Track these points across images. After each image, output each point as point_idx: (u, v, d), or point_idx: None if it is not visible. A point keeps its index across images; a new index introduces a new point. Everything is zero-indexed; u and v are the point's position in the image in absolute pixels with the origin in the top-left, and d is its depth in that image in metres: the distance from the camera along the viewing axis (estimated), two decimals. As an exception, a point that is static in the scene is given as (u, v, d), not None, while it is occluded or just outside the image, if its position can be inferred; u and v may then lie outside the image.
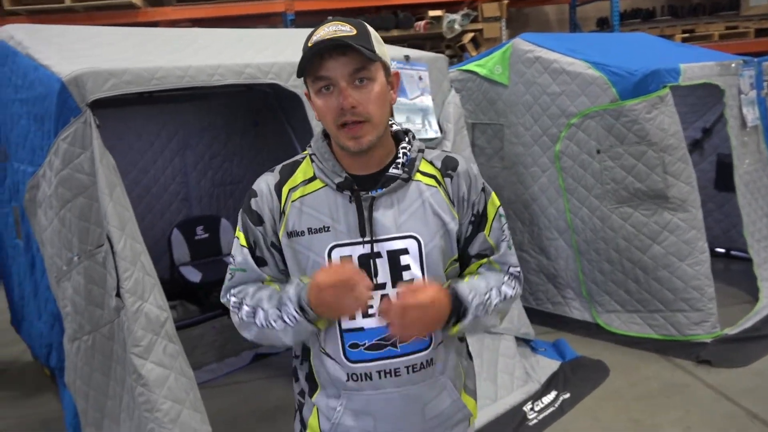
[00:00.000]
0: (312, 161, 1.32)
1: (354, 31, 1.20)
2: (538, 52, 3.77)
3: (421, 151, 1.34)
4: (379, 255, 1.27)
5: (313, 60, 1.19)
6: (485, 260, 1.36)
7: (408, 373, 1.30)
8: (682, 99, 4.76)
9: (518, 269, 1.40)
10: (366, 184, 1.28)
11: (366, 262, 1.27)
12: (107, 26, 3.79)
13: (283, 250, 1.32)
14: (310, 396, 1.39)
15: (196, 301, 3.90)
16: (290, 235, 1.29)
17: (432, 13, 6.49)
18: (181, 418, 2.14)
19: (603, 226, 3.68)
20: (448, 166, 1.34)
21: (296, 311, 1.22)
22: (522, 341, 3.43)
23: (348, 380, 1.31)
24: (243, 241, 1.33)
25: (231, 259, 1.36)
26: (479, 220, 1.35)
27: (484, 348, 3.11)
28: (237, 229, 1.36)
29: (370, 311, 1.27)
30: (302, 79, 1.26)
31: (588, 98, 3.59)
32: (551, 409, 3.00)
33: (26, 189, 2.59)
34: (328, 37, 1.18)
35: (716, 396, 3.07)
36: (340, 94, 1.19)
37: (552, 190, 3.87)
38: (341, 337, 1.30)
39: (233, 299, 1.33)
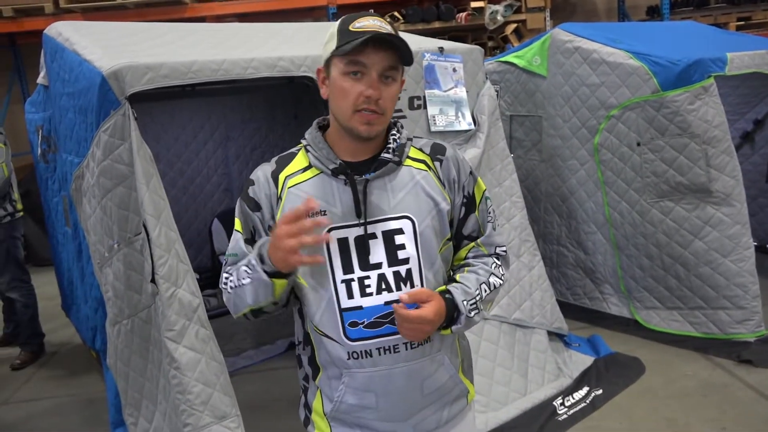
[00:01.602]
0: (307, 151, 1.38)
1: (394, 33, 1.28)
2: (578, 42, 3.70)
3: (409, 139, 1.42)
4: (374, 236, 1.32)
5: (356, 44, 1.24)
6: (473, 244, 1.44)
7: (406, 349, 1.35)
8: (732, 89, 4.60)
9: (504, 249, 1.47)
10: (359, 170, 1.34)
11: (362, 243, 1.32)
12: (156, 22, 3.91)
13: None
14: (314, 379, 1.43)
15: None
16: None
17: (474, 4, 6.43)
18: (211, 401, 2.21)
19: (643, 220, 3.59)
20: (437, 152, 1.42)
21: (255, 259, 1.25)
22: (555, 336, 3.39)
23: (349, 358, 1.35)
24: (238, 227, 1.39)
25: (228, 246, 1.40)
26: (470, 202, 1.43)
27: (515, 341, 3.10)
28: (236, 218, 1.40)
29: (368, 290, 1.32)
30: (325, 57, 1.32)
31: (628, 89, 3.51)
32: (582, 405, 2.97)
33: (72, 179, 2.72)
34: (376, 29, 1.25)
35: (756, 397, 2.97)
36: (371, 83, 1.27)
37: (590, 184, 3.81)
38: (341, 316, 1.33)
39: (223, 277, 1.37)
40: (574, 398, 3.01)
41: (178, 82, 2.42)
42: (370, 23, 1.27)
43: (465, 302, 1.33)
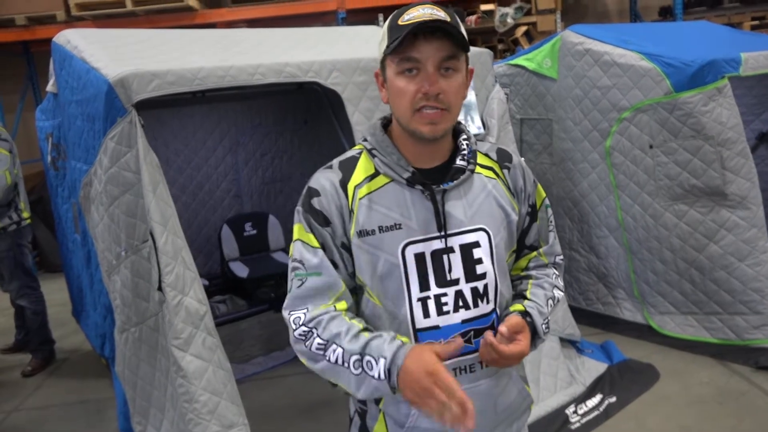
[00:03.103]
0: (373, 156, 1.26)
1: (449, 18, 1.16)
2: (588, 44, 3.66)
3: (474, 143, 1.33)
4: (452, 250, 1.24)
5: (405, 39, 1.14)
6: (534, 253, 1.39)
7: (482, 368, 1.28)
8: (748, 90, 4.54)
9: (562, 257, 1.44)
10: (432, 178, 1.24)
11: (439, 258, 1.24)
12: (165, 29, 3.92)
13: (353, 251, 1.24)
14: (376, 403, 1.32)
15: (244, 295, 4.00)
16: (360, 234, 1.23)
17: (484, 6, 6.40)
18: (218, 410, 2.20)
19: (656, 224, 3.54)
20: (504, 158, 1.34)
21: (384, 372, 1.12)
22: (567, 342, 3.35)
23: None
24: (315, 242, 1.23)
25: (297, 264, 1.25)
26: (534, 211, 1.37)
27: (526, 348, 3.06)
28: (299, 229, 1.26)
29: (445, 308, 1.24)
30: (380, 59, 1.23)
31: (640, 91, 3.46)
32: (595, 413, 2.92)
33: (81, 186, 2.73)
34: (425, 18, 1.14)
35: (775, 404, 2.91)
36: (427, 78, 1.16)
37: (602, 187, 3.76)
38: (415, 337, 1.24)
39: (303, 328, 1.21)
40: (587, 406, 2.96)
41: (185, 88, 2.42)
42: (419, 13, 1.15)
43: (543, 325, 1.29)
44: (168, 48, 2.91)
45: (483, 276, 1.25)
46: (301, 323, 1.22)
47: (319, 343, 1.19)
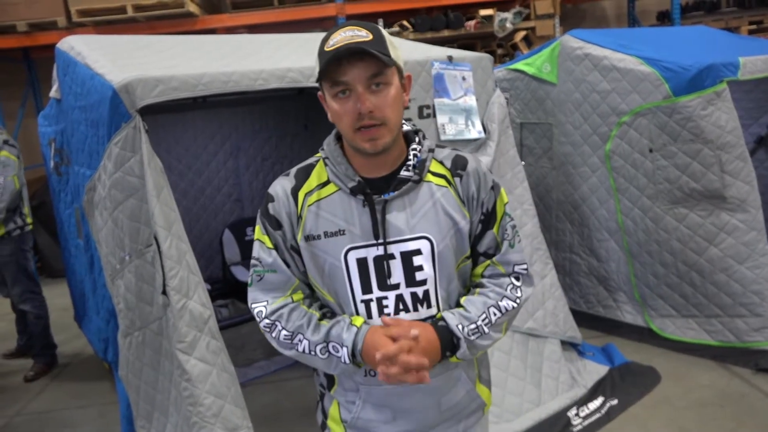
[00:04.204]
0: (326, 165, 1.34)
1: (370, 36, 1.21)
2: (588, 49, 3.69)
3: (431, 150, 1.35)
4: (392, 256, 1.30)
5: (330, 65, 1.19)
6: (489, 262, 1.38)
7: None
8: (746, 94, 4.56)
9: (524, 267, 1.40)
10: (378, 187, 1.30)
11: (380, 264, 1.30)
12: (166, 35, 3.94)
13: (302, 253, 1.34)
14: (329, 390, 1.44)
15: (245, 299, 4.00)
16: (307, 238, 1.32)
17: (483, 12, 6.43)
18: (222, 413, 2.21)
19: (656, 227, 3.55)
20: (458, 165, 1.35)
21: (349, 357, 1.27)
22: (568, 345, 3.36)
23: (366, 375, 1.35)
24: (269, 243, 1.35)
25: (255, 261, 1.37)
26: (488, 218, 1.37)
27: (528, 351, 3.07)
28: (258, 230, 1.37)
29: (386, 311, 1.31)
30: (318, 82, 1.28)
31: (640, 95, 3.48)
32: (597, 416, 2.93)
33: (84, 191, 2.74)
34: (346, 42, 1.19)
35: (776, 407, 2.92)
36: (358, 99, 1.21)
37: (602, 191, 3.78)
38: None
39: (265, 321, 1.35)
40: (588, 408, 2.97)
41: (188, 94, 2.43)
42: (341, 37, 1.20)
43: (461, 326, 1.30)
44: (170, 54, 2.93)
45: (423, 282, 1.31)
46: (264, 316, 1.35)
47: (285, 335, 1.32)
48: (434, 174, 1.34)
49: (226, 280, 4.22)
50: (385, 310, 1.31)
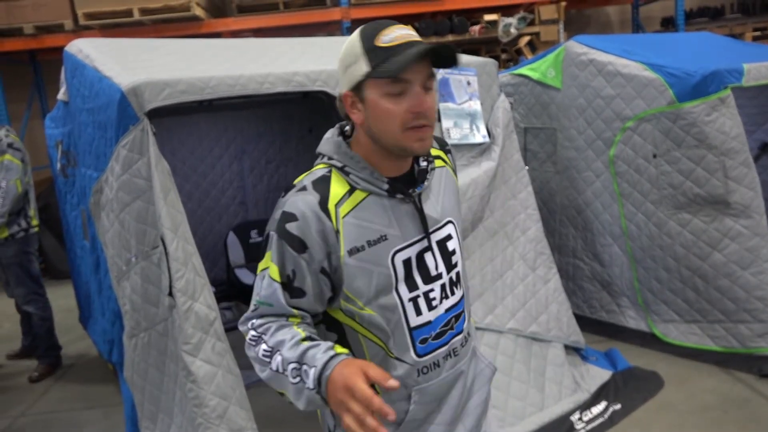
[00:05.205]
0: (347, 174, 1.25)
1: (421, 38, 1.21)
2: (592, 55, 3.70)
3: None
4: (432, 248, 1.31)
5: (405, 63, 1.13)
6: None
7: (461, 346, 1.36)
8: (750, 100, 4.57)
9: None
10: (405, 185, 1.29)
11: (421, 258, 1.28)
12: (172, 38, 3.97)
13: (345, 270, 1.22)
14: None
15: (249, 302, 4.02)
16: (351, 252, 1.22)
17: (487, 17, 6.45)
18: (227, 415, 2.22)
19: (660, 232, 3.56)
20: (443, 143, 1.43)
21: (315, 380, 1.10)
22: (572, 349, 3.36)
23: (419, 375, 1.30)
24: (276, 275, 1.21)
25: (257, 291, 1.26)
26: None
27: (531, 355, 3.08)
28: (268, 257, 1.23)
29: (434, 303, 1.29)
30: (357, 82, 1.19)
31: (644, 101, 3.49)
32: (600, 420, 2.93)
33: (91, 193, 2.76)
34: (410, 40, 1.17)
35: (779, 412, 2.92)
36: (416, 98, 1.17)
37: (606, 195, 3.78)
38: (410, 335, 1.28)
39: (252, 333, 1.23)
40: (592, 413, 2.97)
41: (196, 97, 2.45)
42: (398, 34, 1.17)
43: None
44: (177, 57, 2.96)
45: (456, 264, 1.35)
46: (251, 327, 1.24)
47: (265, 350, 1.19)
48: (435, 158, 1.38)
49: (230, 282, 4.24)
50: (433, 303, 1.29)
